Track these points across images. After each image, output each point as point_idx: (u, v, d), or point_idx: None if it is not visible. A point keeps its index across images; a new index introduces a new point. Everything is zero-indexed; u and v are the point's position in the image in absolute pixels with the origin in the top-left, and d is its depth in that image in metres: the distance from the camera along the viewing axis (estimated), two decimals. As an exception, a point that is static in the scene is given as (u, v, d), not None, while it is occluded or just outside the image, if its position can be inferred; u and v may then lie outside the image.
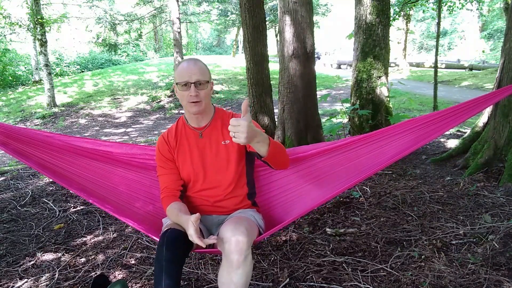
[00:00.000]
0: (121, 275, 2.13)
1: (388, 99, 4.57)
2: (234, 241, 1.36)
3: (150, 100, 12.09)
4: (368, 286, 1.89)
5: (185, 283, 2.03)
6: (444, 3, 11.80)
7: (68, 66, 19.37)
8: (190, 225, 1.36)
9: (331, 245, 2.34)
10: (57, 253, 2.41)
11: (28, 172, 4.36)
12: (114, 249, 2.46)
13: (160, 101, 11.96)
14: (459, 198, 2.91)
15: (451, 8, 12.44)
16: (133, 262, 2.28)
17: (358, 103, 4.50)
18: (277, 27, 20.67)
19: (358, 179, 1.67)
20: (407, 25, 17.50)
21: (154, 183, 2.03)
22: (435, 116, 1.63)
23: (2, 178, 4.19)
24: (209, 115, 1.68)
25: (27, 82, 15.93)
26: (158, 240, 1.51)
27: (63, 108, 11.31)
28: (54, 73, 16.21)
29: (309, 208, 1.73)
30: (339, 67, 21.33)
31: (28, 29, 11.82)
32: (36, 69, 15.15)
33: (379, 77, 4.45)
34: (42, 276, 2.14)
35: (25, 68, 17.31)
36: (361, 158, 1.80)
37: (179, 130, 1.70)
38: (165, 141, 1.69)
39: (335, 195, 2.25)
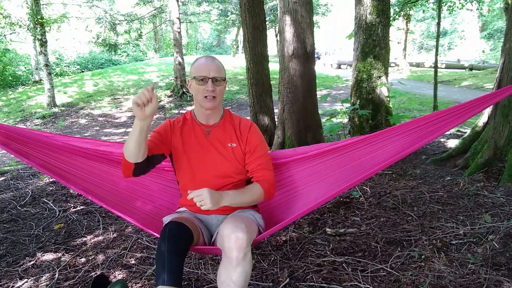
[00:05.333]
0: (121, 275, 2.13)
1: (388, 99, 4.57)
2: (234, 237, 1.36)
3: (150, 100, 12.08)
4: (368, 286, 1.89)
5: (185, 283, 2.03)
6: (444, 3, 11.80)
7: (68, 66, 19.35)
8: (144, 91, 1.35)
9: (331, 245, 2.34)
10: (57, 253, 2.41)
11: (28, 172, 4.36)
12: (114, 249, 2.46)
13: (160, 101, 11.96)
14: (459, 198, 2.91)
15: (451, 8, 12.46)
16: (133, 262, 2.28)
17: (358, 103, 4.50)
18: (277, 27, 20.66)
19: (358, 179, 1.67)
20: (407, 25, 17.50)
21: (153, 183, 2.03)
22: (435, 116, 1.63)
23: (2, 178, 4.19)
24: (219, 114, 1.71)
25: (27, 82, 15.90)
26: (158, 236, 1.50)
27: (63, 108, 11.30)
28: (54, 73, 16.20)
29: (309, 209, 1.73)
30: (339, 67, 21.32)
31: (28, 29, 11.81)
32: (36, 69, 15.14)
33: (379, 77, 4.45)
34: (42, 276, 2.14)
35: (25, 68, 17.29)
36: (362, 159, 1.80)
37: (187, 122, 1.71)
38: (170, 124, 1.70)
39: (335, 196, 2.25)
